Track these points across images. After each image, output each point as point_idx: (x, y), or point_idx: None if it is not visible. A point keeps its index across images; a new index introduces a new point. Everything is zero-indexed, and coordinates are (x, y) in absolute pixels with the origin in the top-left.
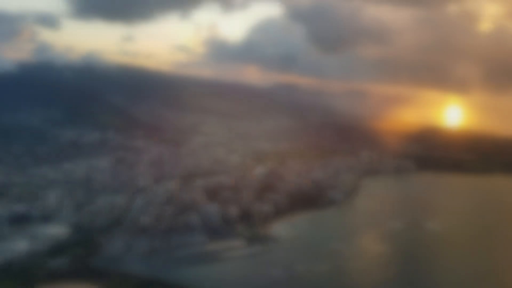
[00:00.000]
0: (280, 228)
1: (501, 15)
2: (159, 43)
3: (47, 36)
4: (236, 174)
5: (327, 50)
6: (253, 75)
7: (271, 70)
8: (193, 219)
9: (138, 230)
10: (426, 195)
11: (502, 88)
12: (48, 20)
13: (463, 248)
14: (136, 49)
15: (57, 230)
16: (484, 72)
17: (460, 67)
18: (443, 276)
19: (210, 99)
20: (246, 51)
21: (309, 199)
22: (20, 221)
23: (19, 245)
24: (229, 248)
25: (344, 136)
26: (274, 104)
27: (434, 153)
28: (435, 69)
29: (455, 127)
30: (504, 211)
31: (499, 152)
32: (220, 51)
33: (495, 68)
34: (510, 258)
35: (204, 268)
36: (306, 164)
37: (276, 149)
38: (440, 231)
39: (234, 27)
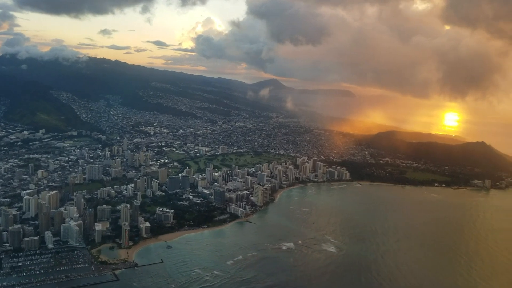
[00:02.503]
0: (148, 250)
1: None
2: (130, 37)
3: (24, 28)
4: (140, 183)
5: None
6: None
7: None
8: (47, 238)
9: None
10: (343, 210)
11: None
12: None
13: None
14: (111, 42)
15: None
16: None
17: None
18: None
19: (173, 96)
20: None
21: (206, 214)
22: None
23: None
24: (70, 276)
25: (292, 140)
26: (241, 103)
27: (380, 160)
28: (397, 72)
29: (411, 130)
30: (418, 234)
31: (447, 160)
32: (206, 47)
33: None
34: None
35: None
36: (228, 171)
37: (213, 152)
38: (335, 254)
39: (193, 20)
